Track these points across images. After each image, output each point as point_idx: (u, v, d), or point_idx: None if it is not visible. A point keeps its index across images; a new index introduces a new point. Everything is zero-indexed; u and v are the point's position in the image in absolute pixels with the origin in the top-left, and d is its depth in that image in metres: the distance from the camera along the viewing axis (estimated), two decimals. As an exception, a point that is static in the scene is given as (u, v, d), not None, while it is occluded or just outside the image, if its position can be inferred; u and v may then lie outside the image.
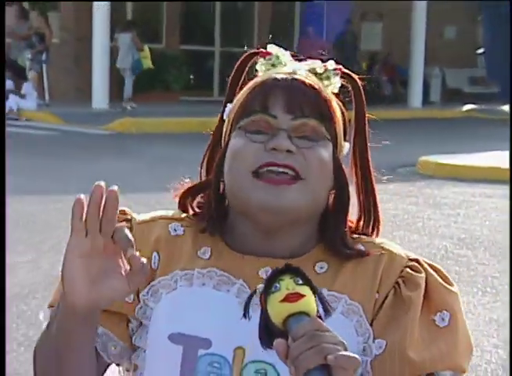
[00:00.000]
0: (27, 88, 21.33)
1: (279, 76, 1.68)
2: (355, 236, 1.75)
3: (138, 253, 1.41)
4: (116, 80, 22.29)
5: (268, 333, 1.43)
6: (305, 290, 1.41)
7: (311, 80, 1.70)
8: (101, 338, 1.67)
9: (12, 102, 20.41)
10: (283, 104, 1.63)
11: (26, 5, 23.38)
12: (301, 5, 28.35)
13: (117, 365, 1.77)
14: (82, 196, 1.39)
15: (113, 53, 21.68)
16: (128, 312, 1.69)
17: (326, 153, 1.65)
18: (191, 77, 25.27)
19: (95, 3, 21.35)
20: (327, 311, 1.42)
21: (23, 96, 21.00)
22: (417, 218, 11.06)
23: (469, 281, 8.32)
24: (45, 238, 9.20)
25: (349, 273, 1.68)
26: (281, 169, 1.59)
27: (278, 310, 1.41)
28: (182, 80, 25.19)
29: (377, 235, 1.76)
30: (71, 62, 24.23)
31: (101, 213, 1.37)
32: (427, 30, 26.53)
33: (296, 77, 1.68)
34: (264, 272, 1.65)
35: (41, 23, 22.82)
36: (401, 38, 27.67)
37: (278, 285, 1.42)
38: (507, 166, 14.76)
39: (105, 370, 1.75)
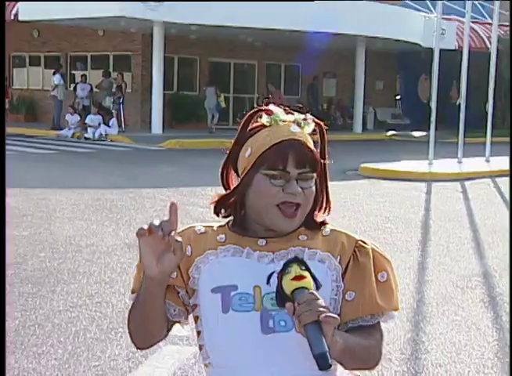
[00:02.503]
0: (111, 121, 25.74)
1: (289, 141, 1.99)
2: (319, 217, 2.10)
3: (176, 236, 1.81)
4: (168, 115, 27.82)
5: (281, 299, 1.82)
6: (306, 274, 1.81)
7: (306, 139, 2.02)
8: (165, 304, 2.00)
9: (102, 130, 24.87)
10: (294, 162, 1.97)
11: (110, 68, 28.66)
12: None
13: (178, 322, 2.09)
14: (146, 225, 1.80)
15: (165, 98, 26.96)
16: (175, 283, 2.02)
17: (313, 185, 2.03)
18: (206, 113, 28.92)
19: (154, 68, 26.15)
20: (318, 286, 1.82)
21: (109, 126, 25.49)
22: (359, 204, 12.81)
23: (391, 244, 9.29)
24: (121, 216, 10.72)
25: (320, 241, 2.04)
26: (293, 207, 1.98)
27: (289, 285, 1.80)
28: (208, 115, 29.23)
29: (328, 209, 2.11)
30: (138, 104, 28.75)
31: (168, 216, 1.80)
32: (365, 84, 32.05)
33: (300, 140, 2.00)
34: (261, 242, 2.03)
35: (119, 79, 27.47)
36: (348, 89, 33.35)
37: (290, 269, 1.82)
38: (416, 170, 17.60)
39: (170, 328, 2.09)
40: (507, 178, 17.25)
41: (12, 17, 27.82)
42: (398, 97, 37.66)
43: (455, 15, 32.46)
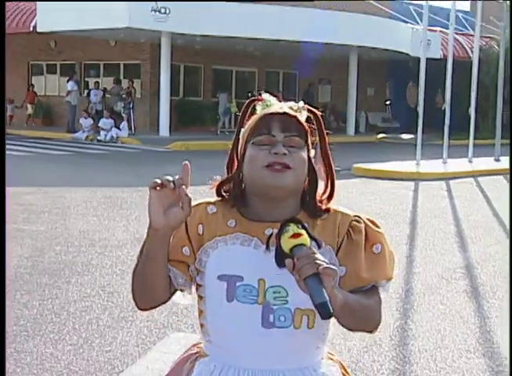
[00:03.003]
0: (122, 124, 25.92)
1: (274, 111, 1.97)
2: (321, 205, 2.01)
3: (186, 190, 1.81)
4: (175, 119, 27.91)
5: (281, 258, 1.78)
6: (303, 232, 1.78)
7: (292, 112, 1.98)
8: (173, 273, 1.97)
9: (113, 132, 24.95)
10: (279, 128, 1.93)
11: (121, 75, 28.93)
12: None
13: (181, 291, 2.03)
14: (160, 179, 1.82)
15: (171, 103, 27.11)
16: (187, 260, 1.98)
17: (304, 154, 1.95)
18: (217, 117, 29.23)
19: (162, 75, 26.33)
20: (319, 245, 1.80)
21: (120, 129, 25.61)
22: (352, 201, 12.38)
23: None
24: (131, 212, 10.75)
25: (320, 228, 1.97)
26: (280, 166, 1.90)
27: (287, 243, 1.76)
28: (211, 118, 29.45)
29: (330, 199, 2.02)
30: (147, 108, 28.82)
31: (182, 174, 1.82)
32: (357, 90, 31.99)
33: (283, 110, 1.96)
34: (268, 231, 1.94)
35: (129, 86, 27.65)
36: (342, 95, 33.14)
37: (287, 228, 1.79)
38: (404, 170, 17.61)
39: (173, 293, 2.03)
40: (489, 178, 17.51)
41: (31, 29, 27.96)
42: (387, 102, 37.71)
43: (440, 27, 32.54)
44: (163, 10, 24.75)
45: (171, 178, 1.81)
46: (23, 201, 11.62)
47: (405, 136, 30.68)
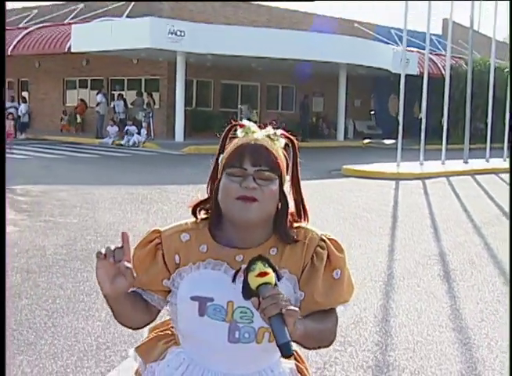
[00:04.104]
0: (143, 131, 25.75)
1: (248, 143, 1.82)
2: (296, 224, 1.89)
3: (126, 263, 1.68)
4: (188, 127, 27.59)
5: (247, 293, 1.67)
6: (269, 270, 1.66)
7: (267, 144, 1.83)
8: (157, 300, 1.90)
9: (135, 138, 24.90)
10: (250, 161, 1.79)
11: (142, 89, 28.97)
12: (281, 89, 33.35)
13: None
14: (104, 249, 1.68)
15: (185, 113, 26.98)
16: (168, 289, 1.88)
17: (274, 187, 1.80)
18: (226, 125, 28.91)
19: (177, 88, 26.23)
20: (279, 278, 1.68)
21: (140, 135, 25.49)
22: (341, 197, 12.72)
23: (367, 229, 9.44)
24: (150, 207, 10.78)
25: (288, 253, 1.85)
26: (248, 200, 1.77)
27: (254, 281, 1.65)
28: (219, 126, 29.03)
29: (306, 219, 1.90)
30: (164, 117, 28.63)
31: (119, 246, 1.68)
32: (346, 101, 31.80)
33: (258, 143, 1.82)
34: (239, 258, 1.83)
35: (149, 98, 27.69)
36: (333, 106, 32.83)
37: (254, 266, 1.66)
38: (386, 170, 17.51)
39: (158, 312, 1.94)
40: (458, 178, 17.51)
41: (66, 50, 27.99)
42: (372, 112, 37.53)
43: (417, 47, 32.47)
44: (178, 33, 25.02)
45: (112, 248, 1.68)
46: (58, 197, 11.63)
47: (387, 141, 30.52)
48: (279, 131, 1.88)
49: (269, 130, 1.88)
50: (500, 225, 10.40)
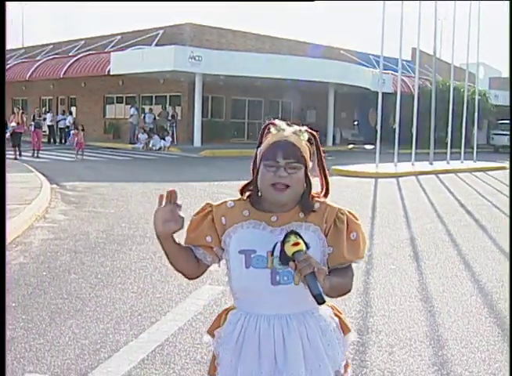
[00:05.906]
0: (168, 137, 25.63)
1: (279, 140, 1.82)
2: (317, 198, 1.90)
3: (179, 212, 1.74)
4: (205, 134, 27.33)
5: (285, 259, 1.69)
6: (300, 241, 1.68)
7: (294, 139, 1.83)
8: (202, 254, 1.91)
9: (161, 143, 24.80)
10: (282, 155, 1.80)
11: (167, 104, 28.96)
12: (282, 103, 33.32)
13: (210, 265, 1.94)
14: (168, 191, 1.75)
15: (202, 123, 26.58)
16: (211, 245, 1.89)
17: (301, 174, 1.82)
18: (235, 133, 29.47)
19: (195, 103, 26.04)
20: (308, 247, 1.70)
21: (166, 141, 25.33)
22: (332, 193, 13.11)
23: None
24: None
25: (312, 216, 1.87)
26: (282, 186, 1.80)
27: (290, 249, 1.67)
28: (231, 133, 29.57)
29: (327, 194, 1.92)
30: (185, 127, 28.43)
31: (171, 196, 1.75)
32: (334, 114, 31.80)
33: (288, 140, 1.82)
34: (274, 218, 1.86)
35: (173, 111, 27.61)
36: (323, 117, 32.56)
37: (289, 239, 1.69)
38: (367, 170, 17.30)
39: (207, 268, 1.95)
40: (425, 176, 17.46)
41: (106, 72, 28.01)
42: (355, 123, 37.41)
43: (391, 70, 32.38)
44: (197, 58, 25.15)
45: (168, 192, 1.76)
46: (99, 192, 11.60)
47: (367, 147, 30.50)
48: (304, 128, 1.89)
49: (295, 127, 1.90)
50: (458, 214, 10.30)
